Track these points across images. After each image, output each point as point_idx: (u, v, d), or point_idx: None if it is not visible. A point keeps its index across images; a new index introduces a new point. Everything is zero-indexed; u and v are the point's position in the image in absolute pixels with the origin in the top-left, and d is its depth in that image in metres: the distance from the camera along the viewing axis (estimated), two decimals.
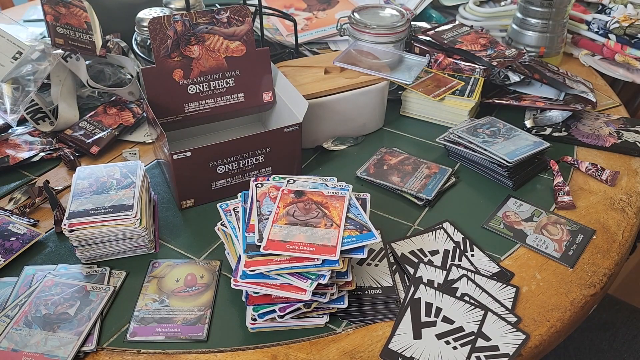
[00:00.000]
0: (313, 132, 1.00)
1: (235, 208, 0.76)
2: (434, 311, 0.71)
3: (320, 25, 1.32)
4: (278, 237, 0.68)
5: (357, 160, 0.99)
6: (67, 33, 1.04)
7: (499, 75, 1.12)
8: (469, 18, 1.36)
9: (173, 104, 0.94)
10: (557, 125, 1.06)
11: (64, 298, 0.73)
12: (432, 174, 0.94)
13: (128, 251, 0.80)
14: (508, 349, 0.67)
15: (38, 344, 0.67)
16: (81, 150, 1.01)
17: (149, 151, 1.03)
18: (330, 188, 0.76)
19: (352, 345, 0.68)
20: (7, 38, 1.03)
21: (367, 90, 1.02)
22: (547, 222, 0.86)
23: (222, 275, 0.78)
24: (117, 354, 0.67)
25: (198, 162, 0.85)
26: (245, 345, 0.68)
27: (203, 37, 0.91)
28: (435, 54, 1.16)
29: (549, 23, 1.23)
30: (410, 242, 0.82)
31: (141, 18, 1.14)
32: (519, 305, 0.73)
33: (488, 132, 0.98)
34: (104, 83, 1.11)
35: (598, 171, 0.95)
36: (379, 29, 1.08)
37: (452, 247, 0.81)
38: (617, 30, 1.26)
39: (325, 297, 0.68)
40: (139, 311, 0.72)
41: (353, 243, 0.68)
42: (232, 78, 0.96)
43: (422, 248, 0.81)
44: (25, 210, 0.88)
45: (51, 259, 0.80)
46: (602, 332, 1.07)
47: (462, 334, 0.69)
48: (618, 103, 1.17)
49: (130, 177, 0.83)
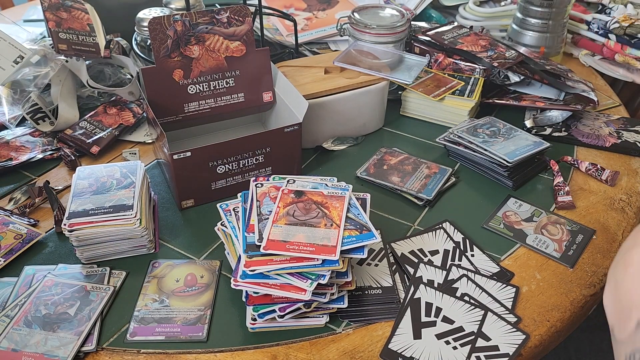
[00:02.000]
0: (313, 132, 1.00)
1: (235, 208, 0.76)
2: (434, 311, 0.71)
3: (320, 25, 1.32)
4: (278, 237, 0.68)
5: (357, 160, 0.99)
6: (70, 38, 1.04)
7: (499, 76, 1.12)
8: (469, 18, 1.36)
9: (173, 104, 0.94)
10: (557, 125, 1.06)
11: (64, 298, 0.73)
12: (432, 174, 0.94)
13: (128, 251, 0.80)
14: (508, 349, 0.67)
15: (38, 344, 0.67)
16: (81, 150, 1.01)
17: (149, 151, 1.03)
18: (330, 188, 0.76)
19: (352, 345, 0.68)
20: (8, 42, 1.03)
21: (367, 90, 1.02)
22: (547, 222, 0.86)
23: (222, 275, 0.78)
24: (117, 354, 0.68)
25: (198, 162, 0.85)
26: (245, 345, 0.68)
27: (203, 37, 0.91)
28: (435, 54, 1.16)
29: (549, 23, 1.23)
30: (410, 242, 0.82)
31: (141, 18, 1.14)
32: (519, 305, 0.73)
33: (488, 132, 0.98)
34: (104, 83, 1.11)
35: (598, 171, 0.95)
36: (379, 29, 1.08)
37: (452, 247, 0.81)
38: (617, 30, 1.26)
39: (325, 297, 0.68)
40: (139, 311, 0.72)
41: (353, 243, 0.68)
42: (232, 78, 0.96)
43: (422, 248, 0.81)
44: (25, 210, 0.88)
45: (51, 259, 0.80)
46: (602, 332, 1.06)
47: (462, 334, 0.69)
48: (618, 103, 1.17)
49: (130, 177, 0.83)
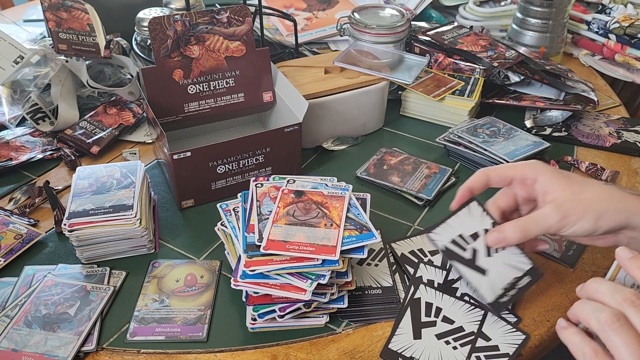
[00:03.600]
0: (313, 132, 1.00)
1: (235, 208, 0.76)
2: (434, 311, 0.71)
3: (320, 25, 1.32)
4: (278, 237, 0.68)
5: (357, 160, 0.99)
6: (70, 38, 1.04)
7: (499, 76, 1.12)
8: (469, 18, 1.36)
9: (173, 104, 0.94)
10: (557, 125, 1.06)
11: (64, 298, 0.73)
12: (432, 174, 0.94)
13: (128, 251, 0.80)
14: (508, 348, 0.67)
15: (38, 344, 0.67)
16: (81, 150, 1.01)
17: (149, 151, 1.03)
18: (330, 188, 0.76)
19: (352, 345, 0.68)
20: (8, 42, 1.03)
21: (367, 90, 1.02)
22: None
23: (222, 275, 0.78)
24: (117, 354, 0.68)
25: (198, 162, 0.85)
26: (245, 345, 0.68)
27: (203, 37, 0.91)
28: (435, 54, 1.16)
29: (549, 23, 1.23)
30: (410, 242, 0.82)
31: (141, 18, 1.14)
32: (519, 305, 0.73)
33: (488, 132, 0.98)
34: (104, 83, 1.11)
35: (598, 171, 0.95)
36: (379, 29, 1.08)
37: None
38: (617, 30, 1.26)
39: (325, 297, 0.68)
40: (139, 311, 0.72)
41: (353, 243, 0.68)
42: (232, 78, 0.96)
43: (422, 248, 0.81)
44: (25, 210, 0.88)
45: (51, 259, 0.80)
46: None
47: (462, 333, 0.69)
48: (618, 103, 1.17)
49: (130, 177, 0.83)
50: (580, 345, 0.52)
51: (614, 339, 0.49)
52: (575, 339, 0.53)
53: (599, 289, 0.53)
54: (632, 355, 0.48)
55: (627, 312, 0.50)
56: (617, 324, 0.49)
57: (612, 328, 0.49)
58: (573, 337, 0.53)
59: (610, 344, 0.49)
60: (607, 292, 0.52)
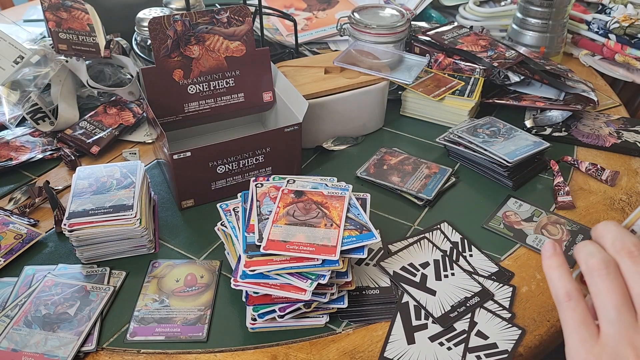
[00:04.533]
0: (313, 132, 1.00)
1: (235, 208, 0.76)
2: (424, 313, 0.71)
3: (320, 25, 1.32)
4: (278, 237, 0.68)
5: (357, 160, 0.99)
6: (70, 38, 1.04)
7: (499, 76, 1.12)
8: (469, 18, 1.36)
9: (173, 104, 0.94)
10: (557, 125, 1.06)
11: (64, 298, 0.73)
12: (432, 174, 0.94)
13: (128, 251, 0.80)
14: (506, 345, 0.67)
15: (38, 344, 0.67)
16: (81, 150, 1.01)
17: (149, 151, 1.03)
18: (330, 188, 0.76)
19: (352, 345, 0.68)
20: (8, 42, 1.03)
21: (367, 90, 1.02)
22: (547, 222, 0.86)
23: (222, 275, 0.78)
24: (117, 354, 0.68)
25: (198, 162, 0.85)
26: (245, 345, 0.68)
27: (203, 37, 0.91)
28: (435, 54, 1.16)
29: (549, 23, 1.23)
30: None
31: (141, 18, 1.14)
32: (519, 305, 0.73)
33: (488, 132, 0.98)
34: (104, 83, 1.11)
35: (598, 171, 0.95)
36: (379, 29, 1.08)
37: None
38: (617, 30, 1.26)
39: (325, 297, 0.68)
40: (139, 311, 0.72)
41: (353, 243, 0.68)
42: (232, 78, 0.96)
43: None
44: (25, 210, 0.88)
45: (51, 259, 0.80)
46: None
47: (454, 333, 0.68)
48: (618, 103, 1.17)
49: (130, 177, 0.83)
50: (556, 284, 0.49)
51: (599, 285, 0.46)
52: (553, 275, 0.49)
53: (604, 233, 0.49)
54: (612, 303, 0.45)
55: (621, 261, 0.47)
56: (604, 270, 0.46)
57: (599, 274, 0.46)
58: (551, 273, 0.49)
59: (593, 289, 0.47)
60: (609, 237, 0.48)
